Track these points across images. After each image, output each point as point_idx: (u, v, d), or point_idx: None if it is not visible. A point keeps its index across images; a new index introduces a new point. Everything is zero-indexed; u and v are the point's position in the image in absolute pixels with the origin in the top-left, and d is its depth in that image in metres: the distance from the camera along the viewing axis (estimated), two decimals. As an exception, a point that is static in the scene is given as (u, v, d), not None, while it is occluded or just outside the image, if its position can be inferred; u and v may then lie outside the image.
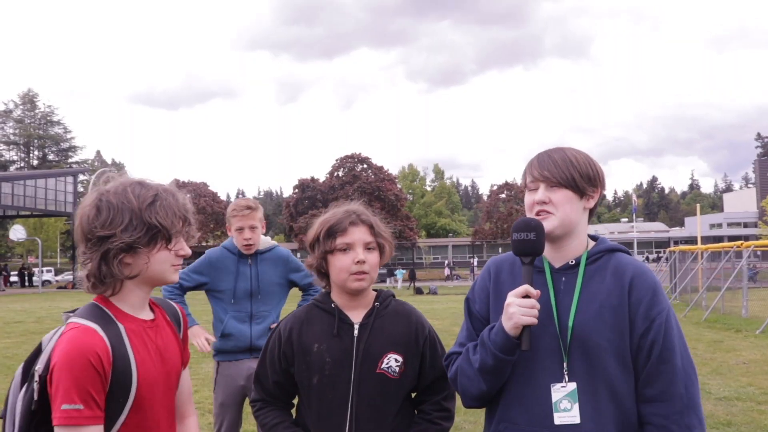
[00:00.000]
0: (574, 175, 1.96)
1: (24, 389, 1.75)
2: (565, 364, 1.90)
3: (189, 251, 1.91)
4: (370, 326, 2.24)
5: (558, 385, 1.90)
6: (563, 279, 1.98)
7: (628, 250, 2.06)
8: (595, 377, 1.88)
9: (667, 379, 1.87)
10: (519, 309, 1.84)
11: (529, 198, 2.02)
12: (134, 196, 1.79)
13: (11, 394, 1.79)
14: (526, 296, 1.86)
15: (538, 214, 1.97)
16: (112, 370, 1.72)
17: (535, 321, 1.84)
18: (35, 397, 1.70)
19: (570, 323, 1.91)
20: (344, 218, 2.26)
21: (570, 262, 1.99)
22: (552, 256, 2.02)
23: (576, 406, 1.87)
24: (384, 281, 44.13)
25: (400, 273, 45.95)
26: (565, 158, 1.98)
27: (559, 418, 1.87)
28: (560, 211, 1.96)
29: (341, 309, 2.27)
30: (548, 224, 1.96)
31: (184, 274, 4.11)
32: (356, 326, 2.24)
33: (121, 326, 1.79)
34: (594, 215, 2.08)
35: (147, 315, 1.90)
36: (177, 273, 1.91)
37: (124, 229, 1.76)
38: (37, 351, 1.80)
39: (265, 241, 4.18)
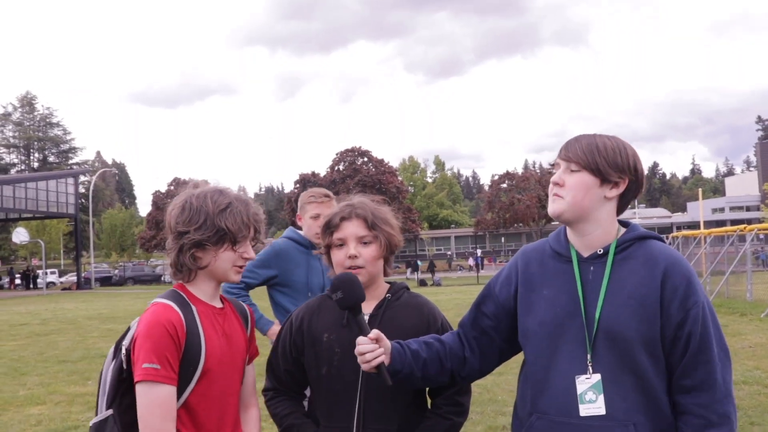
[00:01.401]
0: (598, 160, 1.89)
1: (114, 362, 2.04)
2: (588, 356, 1.87)
3: (254, 255, 2.16)
4: (380, 317, 2.23)
5: (582, 377, 1.87)
6: (591, 269, 1.94)
7: (660, 236, 2.00)
8: (623, 368, 1.85)
9: (705, 369, 1.85)
10: (359, 359, 1.97)
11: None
12: (212, 201, 2.07)
13: (104, 368, 2.08)
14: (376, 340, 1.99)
15: (552, 196, 1.96)
16: (185, 342, 1.98)
17: (377, 362, 1.96)
18: (124, 366, 1.99)
19: (597, 315, 1.88)
20: (338, 213, 2.27)
21: (598, 251, 1.94)
22: (578, 244, 1.97)
23: (601, 398, 1.85)
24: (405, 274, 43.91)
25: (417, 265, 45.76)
26: (591, 143, 1.93)
27: (584, 410, 1.85)
28: (570, 195, 1.91)
29: None
30: (556, 207, 1.93)
31: (249, 272, 3.86)
32: (366, 317, 2.22)
33: (194, 308, 2.07)
34: (626, 207, 2.00)
35: (217, 304, 2.17)
36: (239, 274, 2.14)
37: (197, 228, 2.04)
38: (126, 331, 2.08)
39: None
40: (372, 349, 1.96)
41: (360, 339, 1.98)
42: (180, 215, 2.07)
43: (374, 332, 1.99)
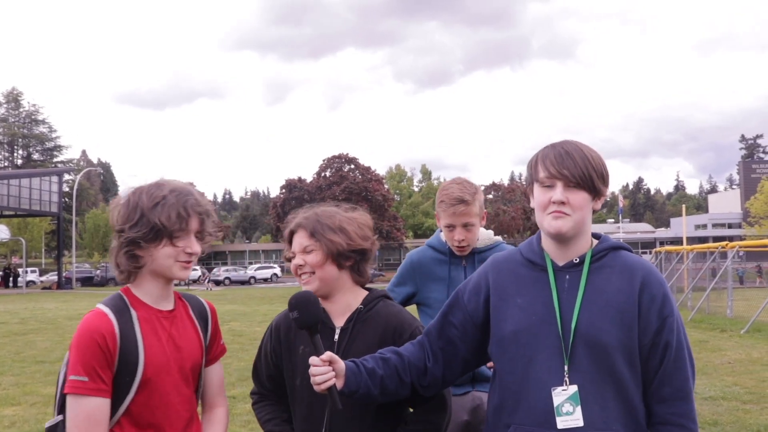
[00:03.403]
0: (593, 175, 1.89)
1: (64, 366, 2.02)
2: (566, 367, 1.87)
3: (197, 249, 2.04)
4: (350, 331, 2.23)
5: (559, 389, 1.86)
6: (567, 277, 1.94)
7: (630, 248, 2.03)
8: (602, 376, 1.85)
9: (682, 377, 1.89)
10: (312, 380, 1.96)
11: (543, 195, 1.93)
12: (146, 196, 1.99)
13: (61, 370, 2.05)
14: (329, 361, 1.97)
15: (552, 213, 1.91)
16: (120, 351, 1.93)
17: (327, 385, 1.94)
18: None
19: (573, 323, 1.88)
20: (289, 227, 2.32)
21: (574, 260, 1.95)
22: (556, 254, 1.98)
23: (578, 409, 1.84)
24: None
25: None
26: (583, 156, 1.90)
27: (561, 422, 1.84)
28: (577, 213, 1.90)
29: (326, 312, 2.26)
30: (563, 224, 1.90)
31: (388, 290, 3.21)
32: (337, 331, 2.23)
33: (134, 313, 2.00)
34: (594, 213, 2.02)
35: (166, 306, 2.08)
36: (185, 270, 2.05)
37: (132, 226, 1.97)
38: None
39: (485, 236, 3.23)
40: (323, 372, 1.95)
41: (312, 359, 1.97)
42: (119, 213, 2.02)
43: (327, 354, 1.97)
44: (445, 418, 2.25)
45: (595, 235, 2.03)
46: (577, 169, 1.89)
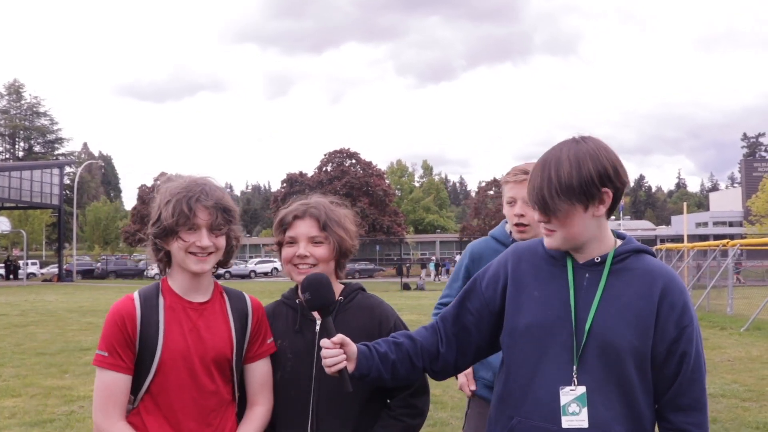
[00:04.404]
0: (555, 196, 1.83)
1: None
2: (574, 368, 1.85)
3: (206, 243, 2.09)
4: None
5: (567, 388, 1.85)
6: (587, 275, 1.92)
7: (653, 251, 2.00)
8: (610, 379, 1.83)
9: (699, 387, 1.87)
10: (323, 362, 1.96)
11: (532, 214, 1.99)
12: (162, 195, 2.12)
13: None
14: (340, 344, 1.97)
15: (545, 230, 1.94)
16: (140, 333, 2.07)
17: (338, 368, 1.95)
18: None
19: (588, 324, 1.86)
20: (292, 211, 2.27)
21: (595, 259, 1.92)
22: (575, 254, 1.96)
23: (585, 410, 1.83)
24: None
25: (433, 266, 45.12)
26: (544, 179, 1.86)
27: (566, 422, 1.83)
28: (560, 230, 1.89)
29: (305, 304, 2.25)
30: (552, 242, 1.92)
31: (447, 288, 3.24)
32: (318, 322, 2.21)
33: (161, 300, 2.13)
34: (615, 208, 1.95)
35: (198, 298, 2.17)
36: (200, 263, 2.10)
37: (153, 223, 2.12)
38: None
39: None
40: (334, 354, 1.94)
41: (323, 342, 1.96)
42: (151, 210, 2.16)
43: (339, 336, 1.96)
44: (427, 402, 2.27)
45: (620, 236, 2.01)
46: (539, 198, 1.88)
